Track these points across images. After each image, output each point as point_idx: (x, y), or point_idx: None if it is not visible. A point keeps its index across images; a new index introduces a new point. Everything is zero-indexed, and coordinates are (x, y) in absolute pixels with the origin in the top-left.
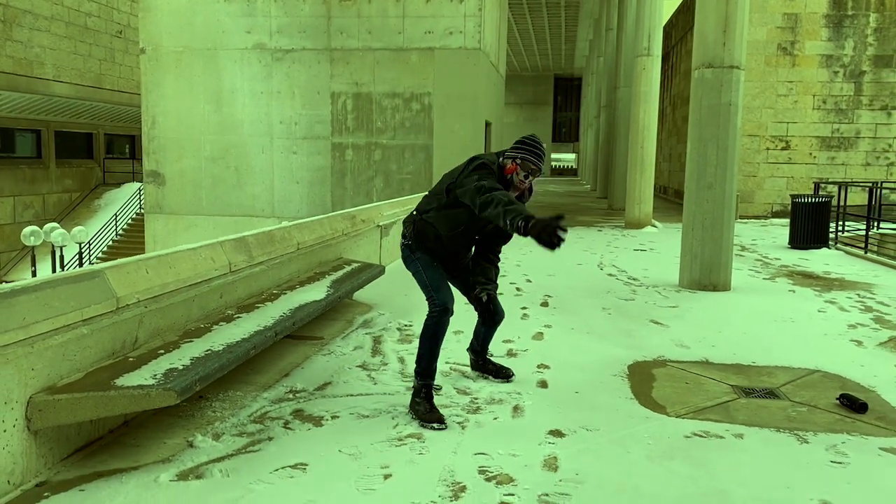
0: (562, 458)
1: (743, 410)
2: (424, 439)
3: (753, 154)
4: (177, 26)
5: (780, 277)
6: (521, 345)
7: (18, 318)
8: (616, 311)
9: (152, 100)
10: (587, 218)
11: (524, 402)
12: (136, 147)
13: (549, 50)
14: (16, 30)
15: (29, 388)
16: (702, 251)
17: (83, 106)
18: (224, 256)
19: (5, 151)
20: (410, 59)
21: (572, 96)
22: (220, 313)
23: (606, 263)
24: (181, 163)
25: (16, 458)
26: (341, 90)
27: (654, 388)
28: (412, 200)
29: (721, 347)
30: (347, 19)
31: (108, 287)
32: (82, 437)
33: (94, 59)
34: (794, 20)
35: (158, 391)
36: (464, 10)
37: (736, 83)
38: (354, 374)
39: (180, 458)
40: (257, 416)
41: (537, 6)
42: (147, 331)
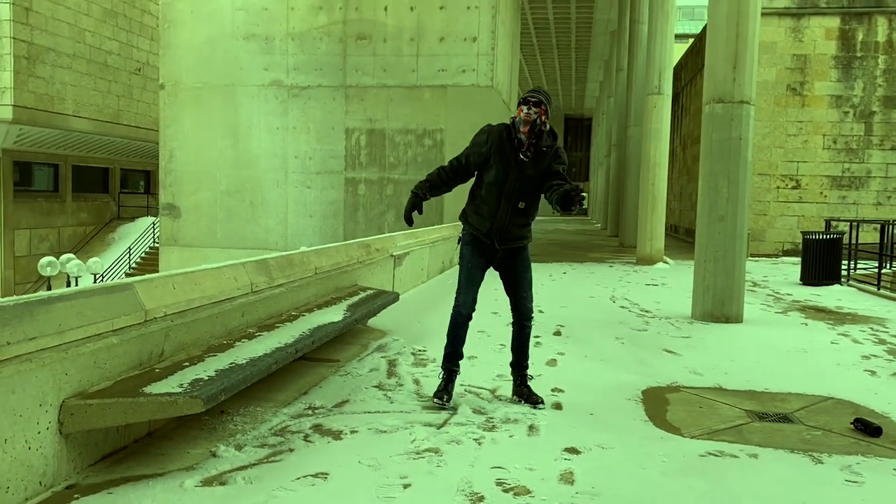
0: (578, 472)
1: (757, 433)
2: (442, 453)
3: (764, 193)
4: (196, 63)
5: (792, 311)
6: (534, 370)
7: (55, 324)
8: (629, 340)
9: (170, 134)
10: (598, 255)
11: (539, 422)
12: (151, 182)
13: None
14: (38, 66)
15: (62, 392)
16: (714, 283)
17: (101, 141)
18: (246, 276)
19: (24, 185)
20: (423, 97)
21: (582, 136)
22: (242, 331)
23: (618, 296)
24: (197, 196)
25: (48, 459)
26: (355, 126)
27: (668, 412)
28: (426, 233)
29: (734, 375)
30: (363, 58)
31: (138, 300)
32: (109, 444)
33: (113, 96)
34: (803, 61)
35: (185, 399)
36: (476, 49)
37: (746, 118)
38: (371, 394)
39: (204, 466)
40: (278, 429)
41: (548, 48)
42: (173, 344)
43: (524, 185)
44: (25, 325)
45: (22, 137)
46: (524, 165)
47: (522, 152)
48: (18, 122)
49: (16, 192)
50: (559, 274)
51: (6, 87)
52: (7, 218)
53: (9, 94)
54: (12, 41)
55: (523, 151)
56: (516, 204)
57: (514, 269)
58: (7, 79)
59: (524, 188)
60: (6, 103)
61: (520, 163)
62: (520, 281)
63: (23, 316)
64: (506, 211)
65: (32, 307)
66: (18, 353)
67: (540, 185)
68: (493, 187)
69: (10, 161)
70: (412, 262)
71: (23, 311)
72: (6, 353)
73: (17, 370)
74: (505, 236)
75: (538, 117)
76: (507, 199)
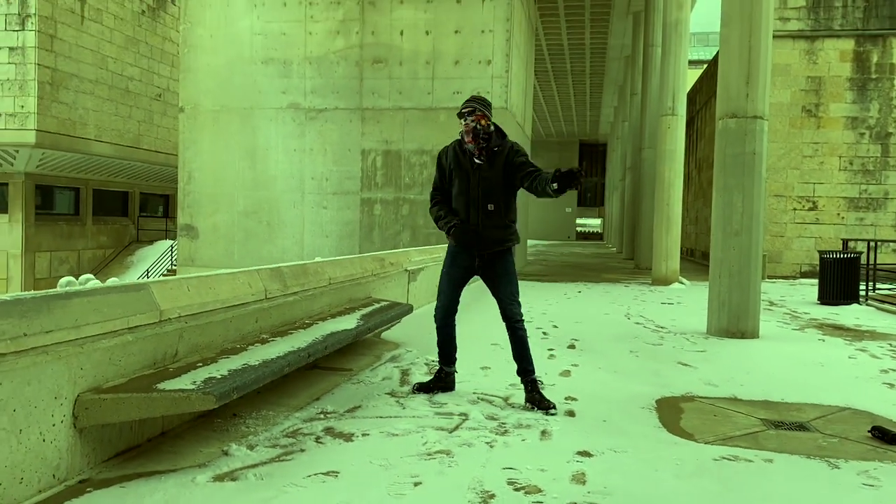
0: (590, 474)
1: (772, 440)
2: (454, 455)
3: (780, 214)
4: (215, 86)
5: (809, 328)
6: (548, 380)
7: (71, 318)
8: (643, 353)
9: (189, 156)
10: (613, 276)
11: (552, 427)
12: (170, 206)
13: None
14: (62, 92)
15: (77, 386)
16: (729, 298)
17: (121, 165)
18: (260, 283)
19: (45, 208)
20: (439, 118)
21: (597, 162)
22: (256, 336)
23: (633, 314)
24: (215, 217)
25: (62, 453)
26: (371, 147)
27: (681, 419)
28: (439, 249)
29: (750, 386)
30: (379, 81)
31: (153, 300)
32: (122, 442)
33: (134, 121)
34: (817, 83)
35: (198, 395)
36: (491, 71)
37: (760, 133)
38: (383, 400)
39: (216, 464)
40: (289, 431)
41: (562, 73)
42: (186, 345)
43: (487, 187)
44: (42, 317)
45: (44, 161)
46: (481, 169)
47: (476, 158)
48: (41, 147)
49: (37, 215)
50: (574, 293)
51: (30, 112)
52: (28, 240)
53: (32, 119)
54: (37, 67)
55: (477, 157)
56: (485, 207)
57: (495, 272)
58: (31, 104)
59: (488, 191)
60: (30, 128)
61: (477, 168)
62: (503, 284)
63: (40, 309)
64: (477, 216)
65: (50, 301)
66: (35, 345)
67: (506, 183)
68: (459, 198)
69: (33, 185)
70: (427, 278)
71: (40, 304)
72: (23, 344)
73: (34, 362)
74: (483, 241)
75: (476, 123)
76: (475, 206)
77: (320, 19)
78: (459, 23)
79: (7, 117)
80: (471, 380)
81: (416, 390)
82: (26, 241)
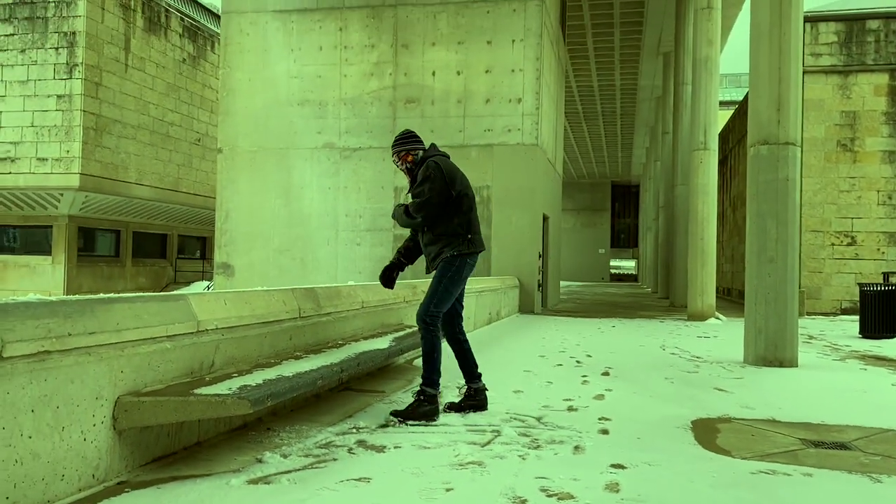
0: (623, 484)
1: (812, 457)
2: (486, 465)
3: (818, 250)
4: (252, 128)
5: (850, 359)
6: (581, 402)
7: (113, 322)
8: (679, 380)
9: (227, 195)
10: (648, 312)
11: (585, 443)
12: (207, 248)
13: (605, 157)
14: (105, 137)
15: (117, 388)
16: (766, 326)
17: (160, 208)
18: (295, 302)
19: (87, 250)
20: (470, 155)
21: (630, 203)
22: (290, 353)
23: (669, 345)
24: (250, 255)
25: (101, 454)
26: (404, 185)
27: (718, 438)
28: (471, 281)
29: (788, 410)
30: (411, 119)
31: (191, 310)
32: (160, 448)
33: (174, 165)
34: (852, 117)
35: (233, 399)
36: (521, 109)
37: (793, 159)
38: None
39: (250, 470)
40: (322, 443)
41: (593, 114)
42: (223, 357)
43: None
44: (86, 319)
45: (87, 204)
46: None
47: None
48: (85, 190)
49: (79, 256)
50: (608, 327)
51: (75, 156)
52: (70, 281)
53: (77, 164)
54: (82, 114)
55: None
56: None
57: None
58: (76, 149)
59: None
60: (74, 172)
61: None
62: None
63: (84, 311)
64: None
65: (93, 305)
66: (78, 345)
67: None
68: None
69: (76, 227)
70: None
71: (84, 307)
72: (67, 343)
73: (77, 361)
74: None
75: (402, 165)
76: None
77: (355, 62)
78: (490, 63)
79: (53, 162)
80: (503, 402)
81: (448, 409)
82: (68, 282)
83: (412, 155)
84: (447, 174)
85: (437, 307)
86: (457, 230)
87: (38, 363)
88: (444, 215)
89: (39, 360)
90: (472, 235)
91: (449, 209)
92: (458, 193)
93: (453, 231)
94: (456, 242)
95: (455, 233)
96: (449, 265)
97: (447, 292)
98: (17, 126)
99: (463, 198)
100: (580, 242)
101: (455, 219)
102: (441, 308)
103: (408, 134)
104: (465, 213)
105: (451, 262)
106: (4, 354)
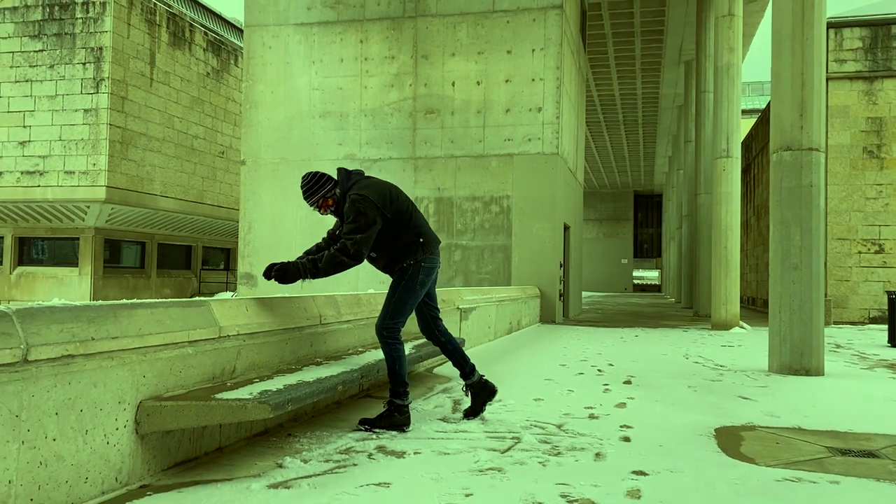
0: (645, 490)
1: (839, 465)
2: (506, 472)
3: (844, 258)
4: (275, 140)
5: (879, 368)
6: (602, 410)
7: (135, 327)
8: (702, 388)
9: (250, 207)
10: (671, 322)
11: (606, 450)
12: (231, 259)
13: (627, 167)
14: (131, 150)
15: (140, 393)
16: (791, 334)
17: (185, 219)
18: (315, 309)
19: (113, 261)
20: (490, 165)
21: (653, 213)
22: (310, 359)
23: (692, 354)
24: None
25: (124, 457)
26: (424, 195)
27: (742, 445)
28: (492, 290)
29: (814, 418)
30: (431, 130)
31: (213, 316)
32: (181, 453)
33: (198, 177)
34: (878, 124)
35: (254, 404)
36: (542, 118)
37: (816, 165)
38: (436, 425)
39: (271, 475)
40: (343, 449)
41: (614, 123)
42: (244, 363)
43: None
44: (109, 324)
45: (113, 216)
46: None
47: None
48: (111, 202)
49: (105, 268)
50: (630, 337)
51: (101, 169)
52: (96, 292)
53: (103, 176)
54: (108, 127)
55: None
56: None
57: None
58: (102, 162)
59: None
60: (100, 185)
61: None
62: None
63: (107, 316)
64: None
65: (116, 310)
66: (101, 349)
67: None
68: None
69: (102, 239)
70: (479, 318)
71: (107, 312)
72: (91, 347)
73: (100, 365)
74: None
75: (320, 210)
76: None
77: (375, 74)
78: (510, 72)
79: (80, 174)
80: (523, 409)
81: (466, 415)
82: (94, 294)
83: (331, 198)
84: (378, 198)
85: (394, 318)
86: (409, 241)
87: (62, 367)
88: (388, 236)
89: (64, 363)
90: (423, 238)
91: (392, 229)
92: (394, 211)
93: (406, 244)
94: (409, 251)
95: (407, 244)
96: (402, 275)
97: (402, 302)
98: (46, 140)
99: (402, 212)
100: (602, 253)
101: (402, 233)
102: (398, 319)
103: (313, 181)
104: (407, 222)
105: (403, 271)
106: (30, 358)
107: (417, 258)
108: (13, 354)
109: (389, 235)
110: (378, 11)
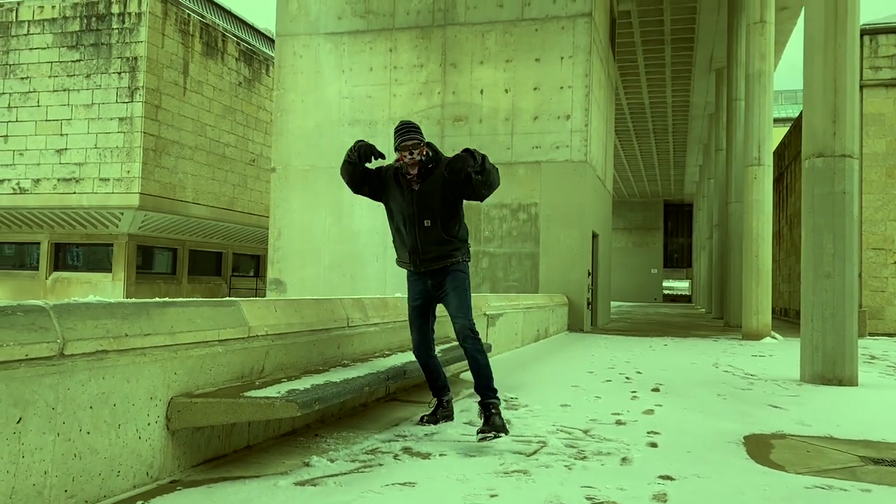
0: (671, 495)
1: (871, 474)
2: (531, 474)
3: (880, 268)
4: (305, 147)
5: None
6: (630, 416)
7: (167, 325)
8: (732, 397)
9: (280, 214)
10: (701, 332)
11: (633, 455)
12: (260, 266)
13: (657, 176)
14: (164, 158)
15: (171, 389)
16: (823, 343)
17: (216, 226)
18: (343, 311)
19: (145, 267)
20: (518, 172)
21: (683, 222)
22: (337, 361)
23: (722, 364)
24: (302, 271)
25: (155, 452)
26: None
27: (772, 453)
28: (519, 297)
29: (847, 427)
30: (459, 137)
31: (242, 316)
32: (210, 450)
33: (229, 185)
34: None
35: (282, 402)
36: (570, 126)
37: (849, 171)
38: (461, 429)
39: (298, 472)
40: (369, 449)
41: (644, 132)
42: (272, 363)
43: (422, 205)
44: (142, 321)
45: (146, 223)
46: (414, 192)
47: (413, 183)
48: (144, 209)
49: (138, 273)
50: (660, 346)
51: (135, 176)
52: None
53: (137, 183)
54: (142, 136)
55: (413, 182)
56: (422, 223)
57: (445, 290)
58: (136, 169)
59: (423, 208)
60: (134, 192)
61: (411, 192)
62: (450, 299)
63: (140, 314)
64: (414, 234)
65: (148, 308)
66: (134, 345)
67: (444, 196)
68: (395, 222)
69: (135, 245)
70: (506, 325)
71: (140, 309)
72: (124, 343)
73: (133, 361)
74: (424, 257)
75: (421, 157)
76: (412, 224)
77: (404, 82)
78: (538, 80)
79: (114, 182)
80: (550, 415)
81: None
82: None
83: (425, 148)
84: None
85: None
86: (466, 236)
87: (96, 361)
88: (460, 216)
89: (98, 358)
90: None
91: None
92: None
93: (465, 236)
94: (466, 248)
95: (466, 238)
96: (464, 272)
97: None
98: (82, 148)
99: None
100: (632, 262)
101: (464, 223)
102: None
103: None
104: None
105: (464, 268)
106: (66, 352)
107: (462, 258)
108: (50, 348)
109: (460, 216)
110: (407, 20)
